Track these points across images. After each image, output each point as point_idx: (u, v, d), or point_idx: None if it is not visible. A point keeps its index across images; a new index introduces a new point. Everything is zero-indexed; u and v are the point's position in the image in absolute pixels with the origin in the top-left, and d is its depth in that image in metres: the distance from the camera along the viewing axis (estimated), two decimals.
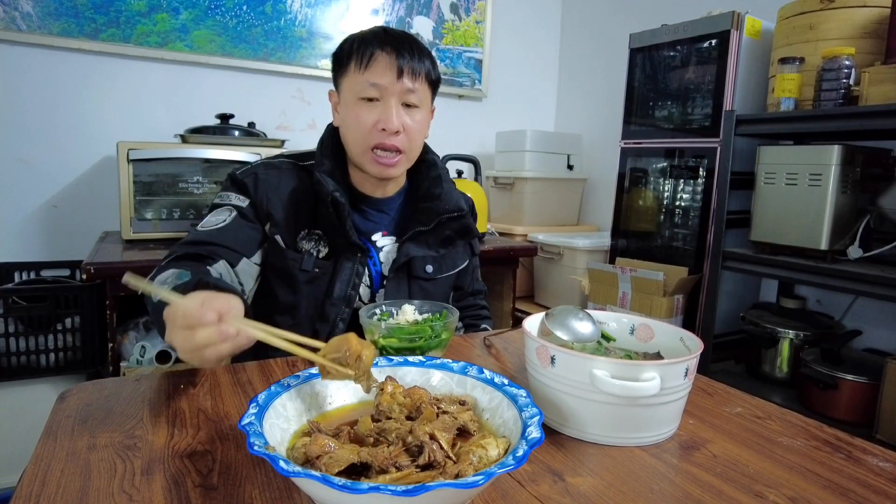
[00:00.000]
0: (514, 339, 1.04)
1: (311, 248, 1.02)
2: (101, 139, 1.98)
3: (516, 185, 2.52)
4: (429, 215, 1.06)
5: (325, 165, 1.02)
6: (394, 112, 0.96)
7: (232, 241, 0.97)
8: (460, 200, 1.11)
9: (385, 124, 0.96)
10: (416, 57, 0.98)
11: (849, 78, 1.43)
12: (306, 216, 1.03)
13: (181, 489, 0.53)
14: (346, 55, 0.98)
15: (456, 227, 1.11)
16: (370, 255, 1.06)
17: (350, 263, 1.02)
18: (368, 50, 0.96)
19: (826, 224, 1.44)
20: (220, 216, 0.99)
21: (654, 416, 0.65)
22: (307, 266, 1.01)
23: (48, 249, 1.97)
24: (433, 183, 1.09)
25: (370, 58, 0.96)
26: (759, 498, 0.55)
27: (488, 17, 2.69)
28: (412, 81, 0.97)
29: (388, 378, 0.65)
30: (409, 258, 1.06)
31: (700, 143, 1.83)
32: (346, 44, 1.00)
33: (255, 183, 1.02)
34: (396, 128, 0.97)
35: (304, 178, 1.04)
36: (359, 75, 0.97)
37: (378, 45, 0.96)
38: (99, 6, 1.93)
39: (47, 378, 1.75)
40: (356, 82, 0.97)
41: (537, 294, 2.51)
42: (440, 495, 0.44)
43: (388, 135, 0.97)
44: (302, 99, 2.34)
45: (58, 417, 0.68)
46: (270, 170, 1.04)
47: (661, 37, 1.93)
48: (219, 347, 0.60)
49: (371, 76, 0.96)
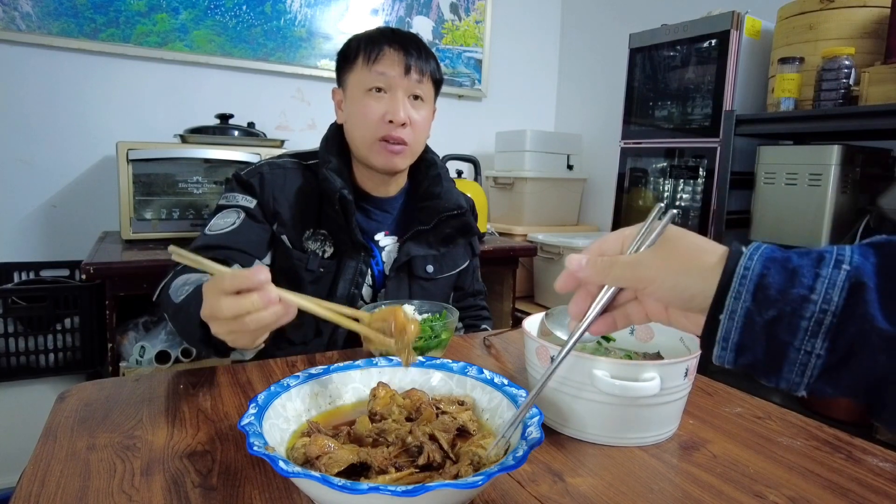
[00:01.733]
0: (513, 339, 1.04)
1: (317, 248, 1.02)
2: (101, 139, 1.97)
3: (516, 185, 2.52)
4: (429, 214, 1.07)
5: (331, 163, 1.02)
6: (401, 104, 0.98)
7: (244, 243, 0.97)
8: (460, 199, 1.12)
9: (392, 115, 0.97)
10: (423, 56, 1.00)
11: (849, 78, 1.43)
12: (311, 216, 1.03)
13: (180, 489, 0.53)
14: (354, 52, 1.00)
15: (456, 224, 1.12)
16: (373, 255, 1.06)
17: (354, 263, 1.02)
18: (377, 46, 0.98)
19: (826, 224, 1.44)
20: (229, 218, 0.99)
21: (654, 417, 0.65)
22: (312, 266, 1.01)
23: (47, 249, 1.96)
24: (433, 182, 1.10)
25: (379, 52, 0.97)
26: (759, 498, 0.55)
27: (488, 16, 2.69)
28: (419, 77, 0.99)
29: (379, 384, 0.65)
30: (410, 257, 1.06)
31: (700, 143, 1.83)
32: (353, 41, 1.01)
33: (262, 183, 1.01)
34: (403, 119, 0.98)
35: (309, 178, 1.04)
36: (366, 69, 0.98)
37: (386, 42, 0.98)
38: (98, 6, 1.93)
39: (46, 378, 1.75)
40: (364, 75, 0.98)
41: (537, 294, 2.51)
42: (440, 496, 0.44)
43: (395, 126, 0.98)
44: (302, 99, 2.34)
45: (57, 418, 0.67)
46: (276, 169, 1.04)
47: (661, 37, 1.93)
48: (262, 315, 0.59)
49: (379, 67, 0.97)
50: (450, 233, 1.12)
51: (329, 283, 1.02)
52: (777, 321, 0.36)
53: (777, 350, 0.36)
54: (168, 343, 1.71)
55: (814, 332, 0.35)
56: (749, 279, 0.37)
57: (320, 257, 1.02)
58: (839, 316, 0.35)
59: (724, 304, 0.38)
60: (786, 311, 0.36)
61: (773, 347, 0.36)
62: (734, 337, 0.38)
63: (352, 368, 0.68)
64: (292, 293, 0.62)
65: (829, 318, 0.35)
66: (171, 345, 1.71)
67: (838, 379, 0.35)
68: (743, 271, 0.38)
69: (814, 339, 0.35)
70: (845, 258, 0.36)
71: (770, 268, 0.37)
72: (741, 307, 0.37)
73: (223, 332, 0.63)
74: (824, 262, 0.36)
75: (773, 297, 0.36)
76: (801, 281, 0.36)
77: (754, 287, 0.37)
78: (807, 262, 0.37)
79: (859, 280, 0.35)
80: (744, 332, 0.38)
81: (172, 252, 0.63)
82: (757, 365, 0.38)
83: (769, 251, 0.39)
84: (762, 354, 0.37)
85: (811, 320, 0.35)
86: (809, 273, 0.36)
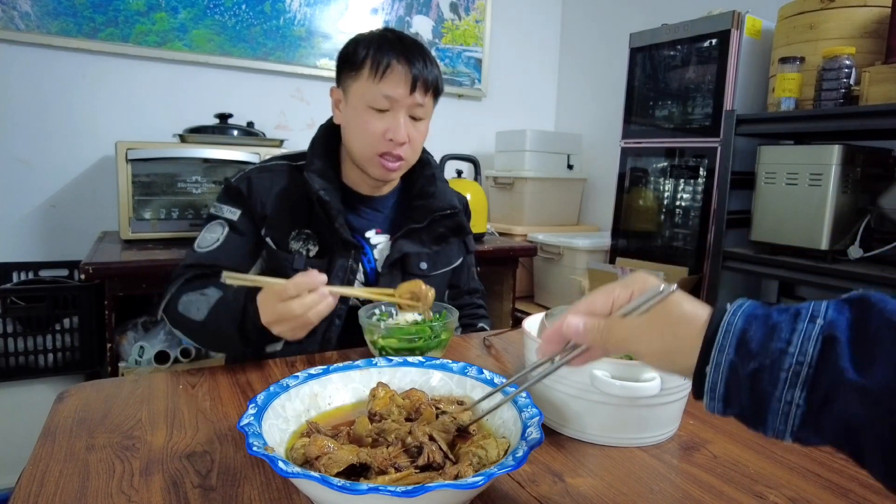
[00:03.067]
0: (513, 340, 1.04)
1: (300, 247, 1.03)
2: (100, 139, 1.97)
3: (516, 184, 2.52)
4: (422, 213, 1.08)
5: (314, 165, 1.03)
6: (402, 124, 0.98)
7: (229, 260, 1.01)
8: (453, 199, 1.13)
9: (393, 135, 0.98)
10: (428, 68, 1.00)
11: (849, 77, 1.43)
12: (301, 215, 1.04)
13: (180, 490, 0.53)
14: (361, 60, 0.98)
15: (449, 224, 1.13)
16: (364, 252, 1.07)
17: (343, 260, 1.03)
18: (385, 59, 0.96)
19: (826, 224, 1.44)
20: (214, 233, 1.02)
21: (655, 417, 0.65)
22: (299, 265, 1.02)
23: (46, 249, 1.96)
24: (427, 181, 1.11)
25: (387, 67, 0.96)
26: (760, 498, 0.55)
27: (488, 16, 2.68)
28: (423, 95, 0.99)
29: (379, 384, 0.65)
30: (403, 254, 1.06)
31: (700, 142, 1.83)
32: (360, 46, 0.99)
33: (249, 188, 1.03)
34: (403, 140, 0.99)
35: (297, 179, 1.05)
36: (373, 84, 0.97)
37: (394, 55, 0.97)
38: (97, 5, 1.92)
39: (46, 378, 1.74)
40: (369, 90, 0.97)
41: (537, 294, 2.51)
42: (440, 496, 0.44)
43: (395, 145, 0.99)
44: (301, 98, 2.34)
45: (56, 418, 0.67)
46: (263, 173, 1.06)
47: (662, 36, 1.93)
48: (320, 308, 0.78)
49: (385, 88, 0.96)
50: (443, 232, 1.12)
51: None
52: (759, 373, 0.39)
53: (760, 400, 0.39)
54: (167, 343, 1.71)
55: (792, 383, 0.38)
56: (732, 333, 0.41)
57: (305, 256, 1.03)
58: (815, 367, 0.37)
59: (710, 356, 0.41)
60: (766, 363, 0.39)
61: (757, 398, 0.39)
62: (720, 388, 0.41)
63: (351, 369, 0.68)
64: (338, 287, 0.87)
65: (806, 369, 0.37)
66: (171, 345, 1.71)
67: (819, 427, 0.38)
68: (726, 326, 0.41)
69: (793, 389, 0.38)
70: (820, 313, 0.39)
71: (752, 323, 0.40)
72: (725, 360, 0.40)
73: (286, 330, 0.80)
74: (800, 317, 0.39)
75: (754, 350, 0.39)
76: (779, 335, 0.39)
77: (737, 341, 0.40)
78: (785, 318, 0.40)
79: (832, 334, 0.37)
80: (729, 384, 0.40)
81: (227, 278, 0.79)
82: (745, 414, 0.41)
83: (751, 308, 0.42)
84: (748, 404, 0.40)
85: (789, 371, 0.38)
86: (787, 328, 0.39)
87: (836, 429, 0.37)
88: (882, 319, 0.37)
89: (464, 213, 1.17)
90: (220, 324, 0.88)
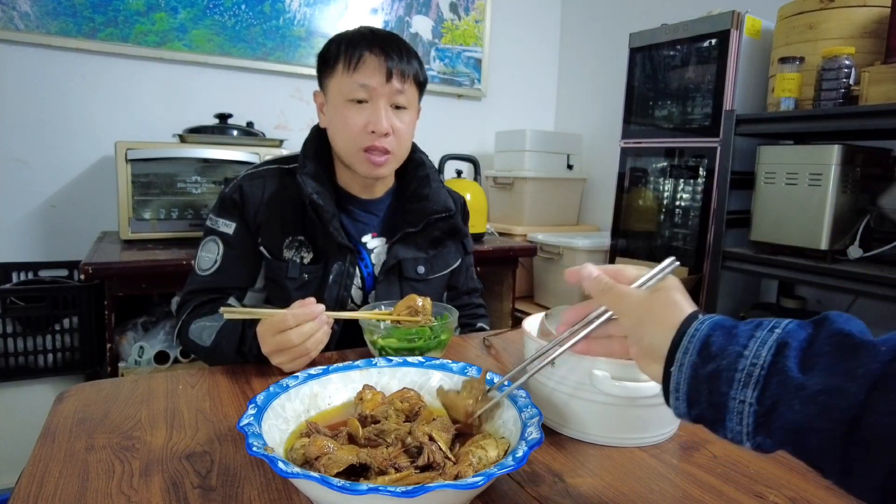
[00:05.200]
0: (513, 340, 1.04)
1: (293, 255, 1.01)
2: (100, 139, 1.97)
3: (516, 184, 2.52)
4: (417, 216, 1.06)
5: (307, 168, 1.01)
6: (383, 114, 0.96)
7: (231, 279, 1.02)
8: (448, 200, 1.10)
9: (374, 126, 0.96)
10: (405, 59, 0.97)
11: (849, 77, 1.43)
12: (294, 221, 1.02)
13: (179, 490, 0.53)
14: (334, 56, 0.97)
15: (444, 227, 1.10)
16: (361, 257, 1.05)
17: (339, 265, 1.01)
18: (357, 52, 0.95)
19: (826, 224, 1.44)
20: (211, 252, 1.02)
21: (654, 417, 0.65)
22: (293, 273, 1.00)
23: (46, 249, 1.96)
24: (421, 183, 1.09)
25: (359, 59, 0.95)
26: (760, 498, 0.55)
27: (488, 16, 2.69)
28: (401, 83, 0.97)
29: (365, 386, 0.65)
30: (399, 260, 1.05)
31: (700, 142, 1.83)
32: (333, 44, 0.99)
33: (243, 197, 1.01)
34: (386, 130, 0.96)
35: (289, 182, 1.03)
36: (347, 77, 0.96)
37: (366, 47, 0.95)
38: (97, 5, 1.92)
39: (45, 379, 1.75)
40: (344, 84, 0.96)
41: (537, 294, 2.51)
42: (439, 496, 0.44)
43: (377, 137, 0.96)
44: (301, 98, 2.34)
45: (56, 418, 0.67)
46: (255, 180, 1.03)
47: (661, 36, 1.93)
48: (318, 337, 0.80)
49: (360, 77, 0.95)
50: (438, 236, 1.10)
51: (315, 287, 1.01)
52: (716, 373, 0.42)
53: (718, 400, 0.42)
54: (167, 343, 1.71)
55: (745, 384, 0.40)
56: (697, 338, 0.44)
57: (300, 263, 1.01)
58: (767, 369, 0.40)
59: (675, 357, 0.44)
60: (723, 364, 0.42)
61: (715, 398, 0.42)
62: (683, 388, 0.44)
63: (351, 369, 0.68)
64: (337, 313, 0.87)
65: (758, 370, 0.40)
66: (170, 345, 1.71)
67: (770, 428, 0.39)
68: (693, 332, 0.45)
69: (745, 390, 0.40)
70: (780, 325, 0.42)
71: (717, 331, 0.44)
72: (688, 361, 0.44)
73: (286, 361, 0.81)
74: (762, 327, 0.42)
75: (714, 353, 0.42)
76: (738, 341, 0.42)
77: (700, 345, 0.43)
78: (748, 328, 0.43)
79: (786, 340, 0.40)
80: (691, 384, 0.43)
81: (224, 312, 0.81)
82: (705, 416, 0.43)
83: (720, 320, 0.45)
84: (706, 404, 0.43)
85: (743, 372, 0.41)
86: (747, 335, 0.42)
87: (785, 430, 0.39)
88: (831, 332, 0.40)
89: (460, 215, 1.14)
90: (223, 350, 0.90)
